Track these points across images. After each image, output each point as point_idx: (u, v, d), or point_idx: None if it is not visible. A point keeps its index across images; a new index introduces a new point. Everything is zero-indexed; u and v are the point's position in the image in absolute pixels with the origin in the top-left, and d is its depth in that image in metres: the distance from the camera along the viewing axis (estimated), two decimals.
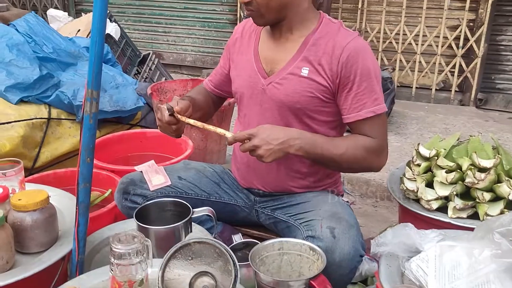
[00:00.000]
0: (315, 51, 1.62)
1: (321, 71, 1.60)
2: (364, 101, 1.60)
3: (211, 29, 5.70)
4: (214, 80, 1.95)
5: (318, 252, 1.44)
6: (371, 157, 1.63)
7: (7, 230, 1.35)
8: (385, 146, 1.66)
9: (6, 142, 2.32)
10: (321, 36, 1.62)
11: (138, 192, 1.78)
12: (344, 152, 1.59)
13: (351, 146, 1.61)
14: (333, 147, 1.59)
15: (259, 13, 1.60)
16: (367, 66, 1.58)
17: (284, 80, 1.65)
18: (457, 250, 1.32)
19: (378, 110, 1.60)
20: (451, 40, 4.53)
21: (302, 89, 1.63)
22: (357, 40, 1.60)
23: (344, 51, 1.57)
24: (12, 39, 2.73)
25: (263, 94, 1.70)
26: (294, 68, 1.64)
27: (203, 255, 1.27)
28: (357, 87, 1.59)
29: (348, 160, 1.61)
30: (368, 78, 1.58)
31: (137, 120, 3.05)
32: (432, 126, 4.12)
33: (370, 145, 1.62)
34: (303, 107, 1.64)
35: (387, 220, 2.90)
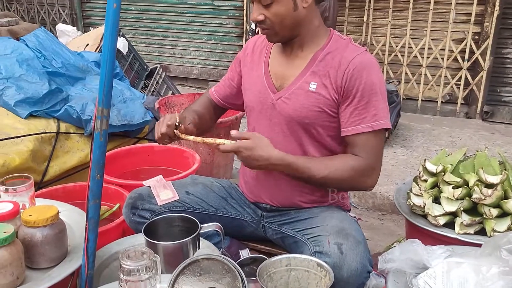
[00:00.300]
0: (323, 66, 1.64)
1: (328, 85, 1.62)
2: (363, 116, 1.60)
3: (217, 42, 5.74)
4: (221, 92, 1.98)
5: (326, 268, 1.44)
6: (359, 177, 1.63)
7: (18, 245, 1.37)
8: (376, 166, 1.65)
9: (16, 156, 2.34)
10: (329, 51, 1.65)
11: (146, 207, 1.79)
12: (327, 175, 1.61)
13: (337, 168, 1.61)
14: (316, 170, 1.61)
15: (273, 31, 1.63)
16: (371, 81, 1.59)
17: (293, 95, 1.67)
18: (464, 266, 1.32)
19: (376, 126, 1.60)
20: (457, 53, 4.54)
21: (309, 103, 1.64)
22: (364, 55, 1.62)
23: (350, 65, 1.59)
24: (22, 54, 2.77)
25: (273, 109, 1.72)
26: (303, 83, 1.66)
27: (212, 271, 1.28)
28: (357, 101, 1.60)
29: (333, 181, 1.63)
30: (371, 93, 1.59)
31: (144, 133, 3.07)
32: (438, 139, 4.12)
33: (358, 166, 1.62)
34: (311, 121, 1.66)
35: (394, 233, 2.90)
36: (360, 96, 1.59)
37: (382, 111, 1.61)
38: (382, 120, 1.61)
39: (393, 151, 3.84)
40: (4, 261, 1.31)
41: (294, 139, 1.70)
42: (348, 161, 1.63)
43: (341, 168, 1.61)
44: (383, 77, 1.67)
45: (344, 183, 1.64)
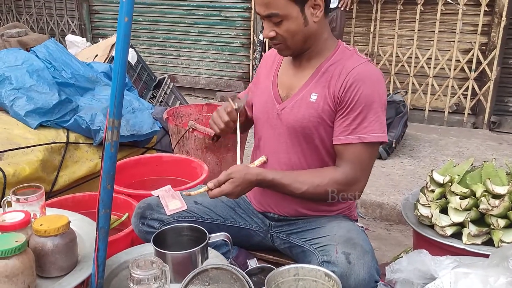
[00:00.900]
0: (326, 77, 1.66)
1: (327, 96, 1.64)
2: (353, 126, 1.61)
3: (225, 53, 5.78)
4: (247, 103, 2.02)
5: (334, 278, 1.44)
6: (337, 190, 1.64)
7: (29, 254, 1.38)
8: (358, 179, 1.64)
9: (26, 166, 2.37)
10: (333, 62, 1.66)
11: (155, 217, 1.81)
12: (306, 190, 1.64)
13: (315, 183, 1.63)
14: (295, 186, 1.64)
15: (285, 45, 1.66)
16: (367, 93, 1.59)
17: (295, 106, 1.70)
18: (472, 277, 1.32)
19: (365, 139, 1.60)
20: (464, 63, 4.55)
21: (309, 114, 1.67)
22: (365, 66, 1.62)
23: (348, 75, 1.60)
24: (32, 65, 2.81)
25: (277, 119, 1.74)
26: (305, 94, 1.68)
27: (220, 281, 1.30)
28: (350, 111, 1.60)
29: (312, 196, 1.66)
30: (365, 105, 1.59)
31: (152, 143, 3.10)
32: (445, 149, 4.12)
33: (338, 179, 1.63)
34: (311, 132, 1.68)
35: (401, 243, 2.90)
36: (354, 106, 1.59)
37: (374, 124, 1.60)
38: (374, 133, 1.60)
39: (400, 161, 3.84)
40: (16, 269, 1.32)
41: (297, 149, 1.73)
42: (328, 174, 1.64)
43: (321, 182, 1.63)
44: (384, 89, 1.65)
45: (324, 196, 1.66)
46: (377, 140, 1.62)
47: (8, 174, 2.27)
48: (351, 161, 1.62)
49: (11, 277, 1.32)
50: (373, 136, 1.60)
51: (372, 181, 3.49)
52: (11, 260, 1.32)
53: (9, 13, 7.06)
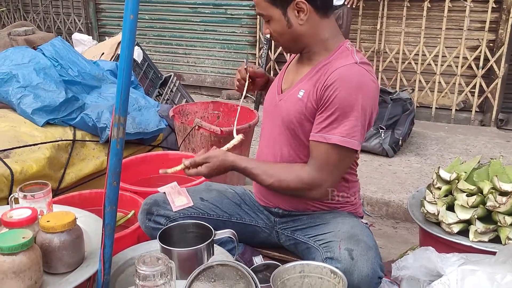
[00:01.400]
0: (317, 76, 1.65)
1: (312, 94, 1.64)
2: (323, 126, 1.59)
3: (231, 51, 5.78)
4: None
5: (339, 275, 1.44)
6: (301, 189, 1.65)
7: (36, 251, 1.39)
8: (322, 182, 1.62)
9: (33, 163, 2.38)
10: (328, 61, 1.65)
11: (161, 213, 1.82)
12: (272, 183, 1.67)
13: (281, 178, 1.66)
14: (263, 177, 1.68)
15: (279, 43, 1.74)
16: (344, 96, 1.54)
17: (287, 99, 1.73)
18: (479, 274, 1.32)
19: (330, 139, 1.56)
20: (471, 60, 4.52)
21: (295, 110, 1.68)
22: (350, 68, 1.57)
23: (330, 76, 1.58)
24: (39, 63, 2.83)
25: (275, 110, 1.78)
26: (295, 90, 1.71)
27: (226, 277, 1.30)
28: (325, 110, 1.58)
29: (278, 189, 1.70)
30: (339, 107, 1.55)
31: (158, 141, 3.11)
32: (452, 147, 4.10)
33: (303, 178, 1.63)
34: (295, 127, 1.69)
35: (407, 241, 2.88)
36: (328, 106, 1.57)
37: (344, 128, 1.55)
38: (340, 136, 1.55)
39: (407, 159, 3.83)
40: (23, 265, 1.33)
41: (285, 141, 1.74)
42: (296, 171, 1.65)
43: (287, 177, 1.65)
44: (367, 94, 1.57)
45: (289, 191, 1.70)
46: (342, 144, 1.55)
47: (15, 171, 2.28)
48: (317, 160, 1.62)
49: (18, 273, 1.33)
50: (339, 139, 1.55)
51: (378, 178, 3.48)
52: (18, 256, 1.33)
53: (16, 11, 7.10)
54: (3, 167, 2.28)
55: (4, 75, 2.71)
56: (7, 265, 1.32)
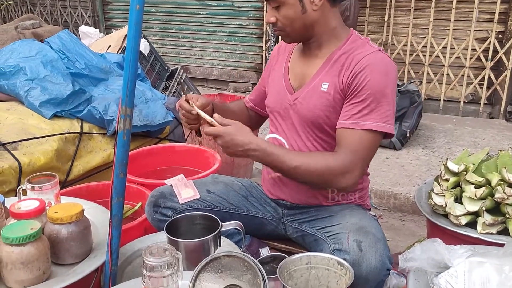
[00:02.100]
0: (337, 66, 1.64)
1: (338, 85, 1.63)
2: (354, 112, 1.58)
3: (238, 43, 5.77)
4: (254, 97, 2.02)
5: (346, 267, 1.44)
6: (328, 176, 1.58)
7: (44, 241, 1.40)
8: (352, 168, 1.58)
9: (41, 155, 2.39)
10: (345, 52, 1.65)
11: (168, 205, 1.82)
12: (298, 166, 1.57)
13: (309, 162, 1.58)
14: (287, 160, 1.58)
15: (285, 32, 1.67)
16: (373, 81, 1.56)
17: (307, 96, 1.69)
18: (486, 266, 1.31)
19: (364, 126, 1.56)
20: (480, 52, 4.48)
21: (321, 104, 1.66)
22: (375, 54, 1.60)
23: (358, 63, 1.59)
24: (46, 56, 2.83)
25: (290, 110, 1.74)
26: (316, 83, 1.67)
27: (232, 268, 1.30)
28: (354, 97, 1.58)
29: (303, 175, 1.60)
30: (370, 92, 1.56)
31: (165, 134, 3.11)
32: (461, 139, 4.07)
33: (331, 165, 1.57)
34: (324, 122, 1.67)
35: (415, 234, 2.88)
36: (359, 93, 1.57)
37: (376, 113, 1.56)
38: (372, 122, 1.56)
39: (415, 151, 3.81)
40: (31, 256, 1.34)
41: (310, 139, 1.72)
42: (324, 158, 1.59)
43: (315, 163, 1.58)
44: (394, 79, 1.61)
45: (315, 178, 1.60)
46: (377, 129, 1.57)
47: (23, 163, 2.30)
48: (349, 147, 1.58)
49: (26, 264, 1.34)
50: (373, 124, 1.56)
51: (385, 171, 3.47)
52: (26, 247, 1.34)
53: (23, 5, 7.12)
54: (11, 159, 2.29)
55: (11, 67, 2.72)
56: (15, 256, 1.33)
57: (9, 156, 2.31)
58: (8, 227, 1.38)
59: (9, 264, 1.34)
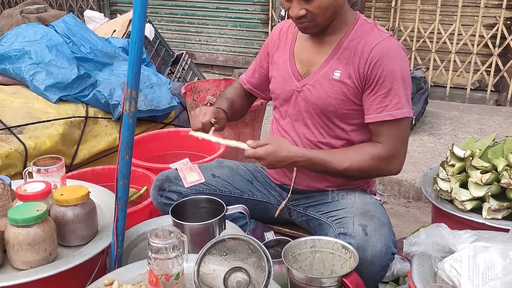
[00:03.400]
0: (347, 54, 1.63)
1: (351, 73, 1.62)
2: (385, 103, 1.59)
3: (243, 29, 5.73)
4: (253, 80, 1.98)
5: (351, 250, 1.45)
6: (379, 165, 1.63)
7: (50, 223, 1.41)
8: (397, 153, 1.64)
9: (47, 139, 2.40)
10: (354, 37, 1.63)
11: (173, 189, 1.82)
12: (348, 167, 1.61)
13: (356, 159, 1.62)
14: (336, 164, 1.61)
15: (314, 23, 1.60)
16: (394, 68, 1.57)
17: (317, 83, 1.67)
18: (491, 251, 1.31)
19: (398, 115, 1.59)
20: (487, 38, 4.43)
21: (333, 92, 1.64)
22: (388, 41, 1.60)
23: (372, 51, 1.58)
24: (51, 40, 2.82)
25: (297, 97, 1.72)
26: (327, 71, 1.66)
27: (237, 251, 1.30)
28: (380, 88, 1.59)
29: (354, 172, 1.64)
30: (393, 81, 1.58)
31: (170, 119, 3.11)
32: (467, 126, 4.05)
33: (378, 154, 1.62)
34: (334, 109, 1.66)
35: (419, 220, 2.88)
36: (382, 83, 1.58)
37: (403, 100, 1.60)
38: (404, 109, 1.60)
39: (420, 138, 3.80)
40: (38, 237, 1.36)
41: (318, 127, 1.71)
42: (369, 150, 1.63)
43: (362, 158, 1.62)
44: (408, 63, 1.65)
45: (366, 171, 1.65)
46: (408, 116, 1.61)
47: (29, 147, 2.31)
48: (388, 138, 1.62)
49: (33, 245, 1.35)
50: (404, 112, 1.60)
51: None
52: (32, 228, 1.35)
53: None
54: (17, 142, 2.30)
55: (16, 51, 2.72)
56: (21, 237, 1.34)
57: (15, 140, 2.32)
58: (15, 209, 1.39)
59: (16, 245, 1.35)
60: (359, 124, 1.68)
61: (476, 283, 1.26)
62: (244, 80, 2.01)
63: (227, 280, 1.29)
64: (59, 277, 1.36)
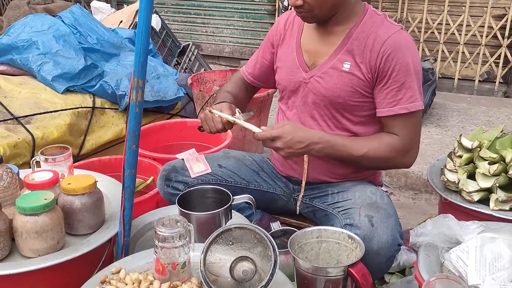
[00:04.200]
0: (357, 45, 1.61)
1: (361, 65, 1.60)
2: (399, 97, 1.59)
3: (250, 20, 5.71)
4: (254, 71, 1.96)
5: (357, 240, 1.45)
6: (395, 156, 1.63)
7: (58, 212, 1.42)
8: (413, 146, 1.65)
9: (54, 129, 2.41)
10: (364, 29, 1.62)
11: (179, 179, 1.83)
12: (365, 153, 1.60)
13: (374, 147, 1.61)
14: (354, 149, 1.60)
15: (311, 14, 1.60)
16: (406, 61, 1.57)
17: (326, 74, 1.66)
18: (498, 242, 1.30)
19: (412, 108, 1.59)
20: (496, 29, 4.39)
21: (343, 83, 1.63)
22: (399, 34, 1.59)
23: (384, 45, 1.57)
24: (58, 30, 2.83)
25: (305, 88, 1.71)
26: (336, 62, 1.64)
27: (244, 241, 1.30)
28: (393, 82, 1.58)
29: (370, 160, 1.62)
30: (406, 74, 1.57)
31: (177, 110, 3.11)
32: (475, 118, 4.02)
33: (395, 145, 1.61)
34: (344, 101, 1.65)
35: (426, 212, 2.87)
36: (396, 77, 1.57)
37: (417, 93, 1.60)
38: (418, 102, 1.60)
39: (427, 130, 3.78)
40: (45, 226, 1.36)
41: (325, 118, 1.70)
42: (386, 140, 1.62)
43: (379, 146, 1.61)
44: (419, 56, 1.64)
45: (382, 161, 1.64)
46: (421, 108, 1.62)
47: (36, 137, 2.32)
48: (402, 130, 1.62)
49: (40, 233, 1.36)
50: (418, 105, 1.60)
51: None
52: (40, 216, 1.36)
53: None
54: (25, 132, 2.32)
55: (24, 42, 2.72)
56: (29, 225, 1.35)
57: (22, 130, 2.33)
58: (23, 197, 1.40)
59: (24, 233, 1.36)
60: (367, 116, 1.67)
61: (482, 273, 1.25)
62: (245, 72, 1.99)
63: (233, 269, 1.29)
64: (66, 265, 1.37)
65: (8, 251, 1.41)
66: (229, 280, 1.28)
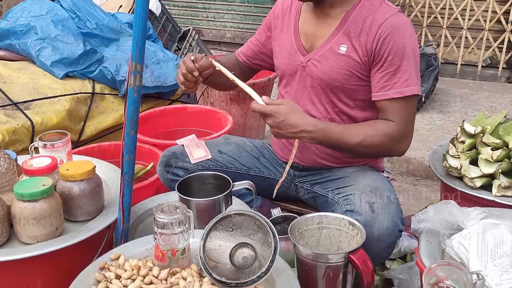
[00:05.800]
0: (354, 28, 1.59)
1: (358, 48, 1.58)
2: (394, 81, 1.56)
3: (251, 5, 5.65)
4: (247, 51, 1.95)
5: (358, 227, 1.44)
6: (390, 143, 1.59)
7: (56, 198, 1.41)
8: (407, 132, 1.61)
9: (53, 115, 2.40)
10: (361, 12, 1.59)
11: (179, 165, 1.82)
12: (361, 141, 1.56)
13: (369, 134, 1.57)
14: (349, 136, 1.56)
15: None
16: (403, 45, 1.54)
17: (323, 58, 1.64)
18: (500, 228, 1.29)
19: (406, 92, 1.56)
20: (500, 14, 4.34)
21: (339, 66, 1.61)
22: (396, 17, 1.56)
23: (381, 27, 1.54)
24: (57, 15, 2.79)
25: (303, 72, 1.70)
26: (333, 45, 1.62)
27: (243, 227, 1.30)
28: (388, 65, 1.55)
29: (366, 148, 1.59)
30: (402, 57, 1.54)
31: (177, 95, 3.09)
32: (477, 104, 3.99)
33: (390, 131, 1.58)
34: (341, 84, 1.63)
35: (427, 198, 2.86)
36: (391, 60, 1.55)
37: (413, 77, 1.56)
38: (413, 86, 1.56)
39: (429, 116, 3.75)
40: (44, 212, 1.36)
41: (323, 102, 1.69)
42: (381, 127, 1.59)
43: (375, 134, 1.58)
44: (417, 40, 1.60)
45: (377, 149, 1.61)
46: (417, 93, 1.58)
47: (36, 122, 2.30)
48: (396, 116, 1.58)
49: (39, 219, 1.36)
50: (413, 89, 1.56)
51: None
52: (38, 203, 1.35)
53: None
54: (24, 118, 2.30)
55: (22, 26, 2.69)
56: (28, 212, 1.34)
57: (21, 116, 2.31)
58: (21, 184, 1.39)
59: (22, 219, 1.35)
60: (365, 100, 1.65)
61: (484, 260, 1.25)
62: (239, 51, 1.98)
63: (233, 255, 1.28)
64: (65, 251, 1.36)
65: (6, 237, 1.40)
66: (229, 266, 1.27)
